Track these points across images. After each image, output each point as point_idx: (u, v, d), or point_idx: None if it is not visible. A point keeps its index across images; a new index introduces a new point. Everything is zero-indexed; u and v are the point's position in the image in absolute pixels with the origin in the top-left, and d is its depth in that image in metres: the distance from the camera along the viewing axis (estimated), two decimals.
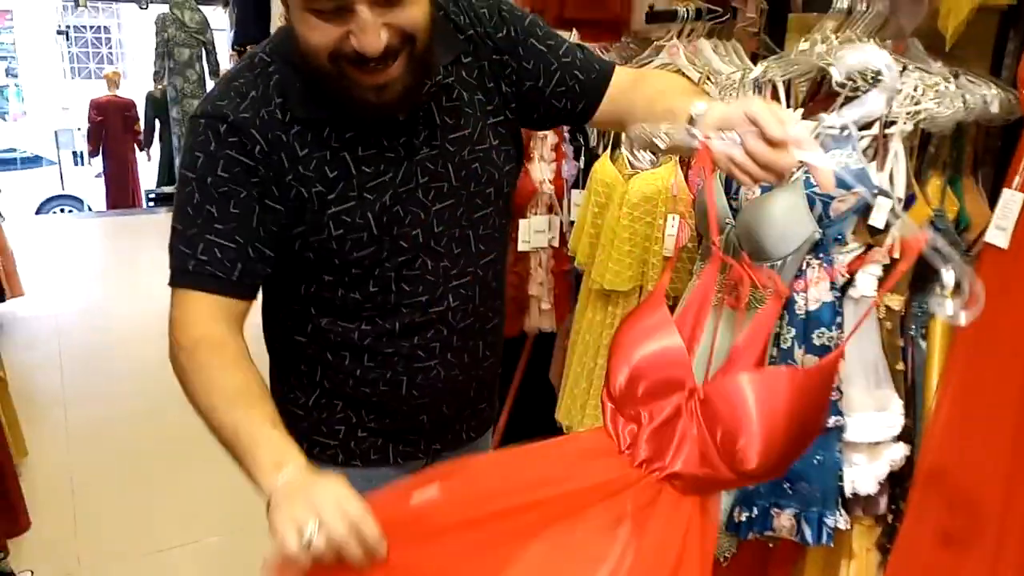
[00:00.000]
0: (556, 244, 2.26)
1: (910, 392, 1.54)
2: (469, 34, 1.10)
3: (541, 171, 2.19)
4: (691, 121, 0.92)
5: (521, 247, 2.21)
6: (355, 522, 0.82)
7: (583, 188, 2.11)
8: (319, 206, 1.03)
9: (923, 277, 1.56)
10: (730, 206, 1.54)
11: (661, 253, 1.76)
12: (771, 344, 1.47)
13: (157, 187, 7.78)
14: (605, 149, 2.04)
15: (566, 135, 2.22)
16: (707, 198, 0.84)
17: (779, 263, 1.42)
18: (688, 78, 1.80)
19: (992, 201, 1.43)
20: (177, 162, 7.28)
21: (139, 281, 5.28)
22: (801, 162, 0.82)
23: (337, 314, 1.12)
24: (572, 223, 2.16)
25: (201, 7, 7.10)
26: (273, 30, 6.77)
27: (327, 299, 1.11)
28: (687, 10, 1.91)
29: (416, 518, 0.87)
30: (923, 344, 1.57)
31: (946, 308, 0.76)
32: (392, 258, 1.08)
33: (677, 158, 1.80)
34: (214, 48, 7.18)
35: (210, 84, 7.36)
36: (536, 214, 2.22)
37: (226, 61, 7.76)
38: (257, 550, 0.86)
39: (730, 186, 1.55)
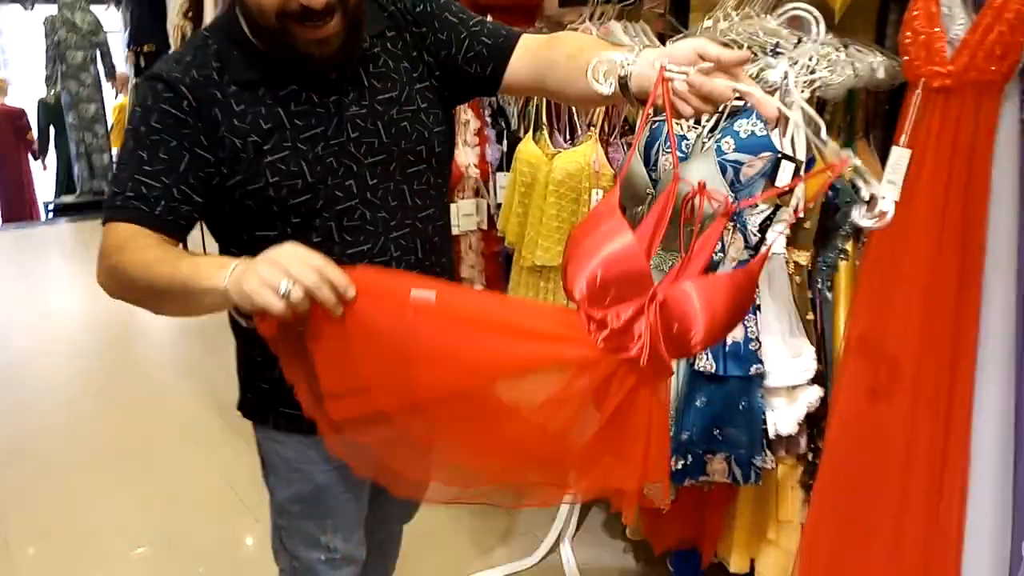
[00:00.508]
0: (484, 227, 2.32)
1: (820, 339, 1.69)
2: (391, 11, 1.22)
3: (466, 156, 2.24)
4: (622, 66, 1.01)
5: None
6: (321, 268, 0.90)
7: (507, 171, 2.18)
8: (255, 155, 1.11)
9: (826, 236, 1.71)
10: (650, 177, 1.63)
11: None
12: None
13: (56, 197, 7.44)
14: (526, 132, 2.12)
15: (487, 119, 2.28)
16: (667, 126, 0.99)
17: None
18: None
19: (883, 161, 1.57)
20: (77, 169, 6.99)
21: (43, 295, 5.07)
22: (738, 93, 0.93)
23: None
24: (499, 205, 2.22)
25: (92, 7, 6.81)
26: (170, 28, 6.60)
27: None
28: None
29: (410, 309, 0.96)
30: (829, 295, 1.72)
31: (864, 217, 0.95)
32: (329, 207, 1.16)
33: (596, 136, 1.89)
34: (109, 49, 6.89)
35: (107, 86, 7.06)
36: (463, 198, 2.27)
37: (121, 62, 7.48)
38: (185, 560, 0.89)
39: (649, 159, 1.65)
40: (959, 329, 1.38)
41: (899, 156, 1.46)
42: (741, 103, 1.59)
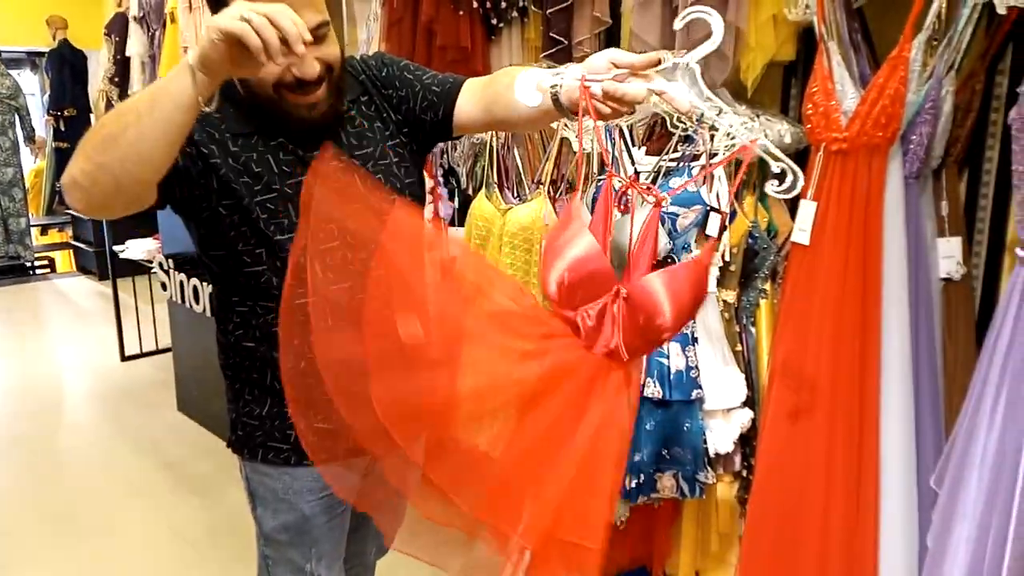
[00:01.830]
0: None
1: (748, 368, 1.91)
2: (361, 79, 1.38)
3: None
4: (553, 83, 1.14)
5: None
6: (285, 8, 0.95)
7: (460, 225, 2.36)
8: (247, 193, 1.25)
9: (748, 278, 1.95)
10: None
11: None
12: None
13: None
14: (476, 190, 2.32)
15: (440, 179, 2.47)
16: (595, 134, 1.06)
17: None
18: None
19: (793, 212, 1.84)
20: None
21: None
22: (653, 91, 1.05)
23: (277, 308, 1.27)
24: None
25: (10, 71, 6.73)
26: (94, 93, 6.56)
27: (265, 291, 1.29)
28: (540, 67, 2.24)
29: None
30: (753, 329, 1.96)
31: (775, 190, 1.11)
32: None
33: (545, 193, 2.11)
34: (28, 113, 6.81)
35: (25, 150, 6.95)
36: None
37: (40, 126, 7.38)
38: None
39: (592, 209, 1.87)
40: (865, 353, 1.62)
41: (807, 208, 1.72)
42: (675, 165, 1.85)
